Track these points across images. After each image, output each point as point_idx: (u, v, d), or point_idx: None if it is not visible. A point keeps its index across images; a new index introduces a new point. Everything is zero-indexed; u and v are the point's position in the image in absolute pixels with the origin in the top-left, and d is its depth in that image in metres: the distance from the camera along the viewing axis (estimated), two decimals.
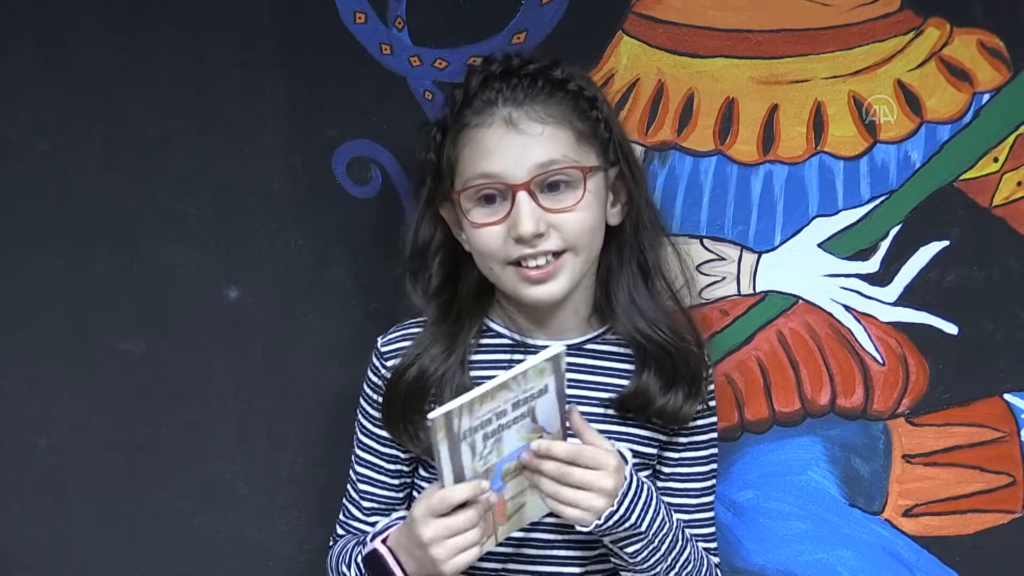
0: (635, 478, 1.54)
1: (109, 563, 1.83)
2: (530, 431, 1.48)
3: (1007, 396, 1.81)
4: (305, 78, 1.79)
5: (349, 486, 1.70)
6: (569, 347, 1.58)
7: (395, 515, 1.66)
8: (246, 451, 1.83)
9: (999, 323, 1.80)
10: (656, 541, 1.55)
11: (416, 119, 1.77)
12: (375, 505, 1.68)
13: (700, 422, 1.67)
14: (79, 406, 1.82)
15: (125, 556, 1.83)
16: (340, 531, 1.71)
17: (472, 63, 1.74)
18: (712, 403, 1.70)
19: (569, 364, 1.53)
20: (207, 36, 1.79)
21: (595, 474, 1.49)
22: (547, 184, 1.56)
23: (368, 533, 1.63)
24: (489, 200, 1.57)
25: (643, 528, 1.53)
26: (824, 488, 1.82)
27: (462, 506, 1.45)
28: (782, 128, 1.79)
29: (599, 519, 1.50)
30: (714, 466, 1.70)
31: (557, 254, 1.57)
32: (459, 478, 1.44)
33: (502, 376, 1.42)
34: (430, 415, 1.40)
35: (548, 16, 1.78)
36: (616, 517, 1.51)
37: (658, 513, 1.55)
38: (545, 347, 1.49)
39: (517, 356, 1.61)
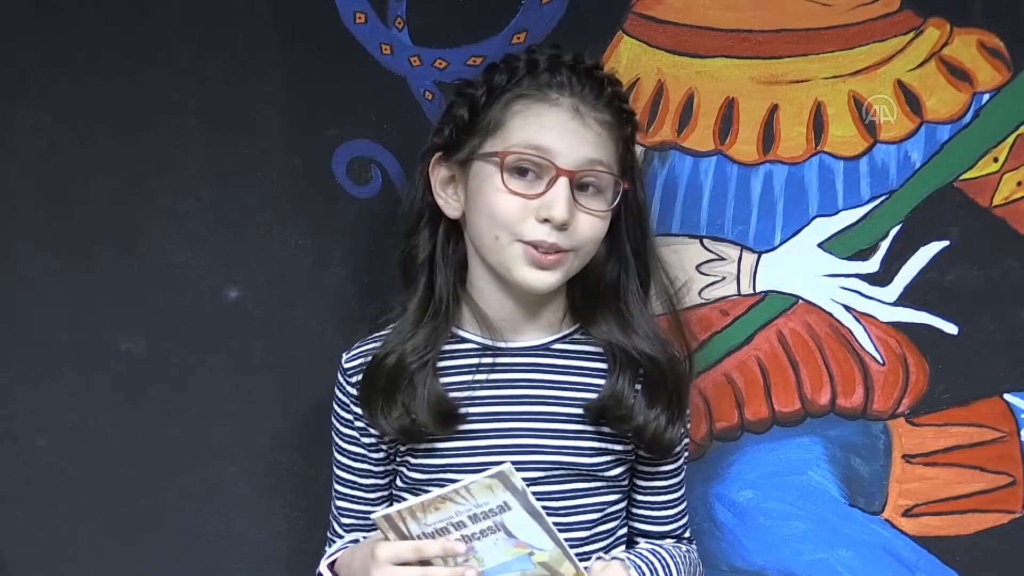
0: None
1: (109, 563, 1.83)
2: (513, 546, 1.46)
3: (1007, 396, 1.81)
4: (305, 78, 1.79)
5: (332, 501, 1.71)
6: (536, 347, 1.62)
7: (347, 538, 1.67)
8: (246, 451, 1.83)
9: (999, 323, 1.80)
10: None
11: (416, 119, 1.77)
12: (353, 521, 1.69)
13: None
14: (79, 406, 1.82)
15: (125, 556, 1.83)
16: (327, 548, 1.71)
17: (473, 62, 1.75)
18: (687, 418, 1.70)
19: (537, 365, 1.59)
20: (207, 36, 1.79)
21: None
22: (582, 183, 1.56)
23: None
24: (522, 173, 1.56)
25: None
26: (824, 488, 1.82)
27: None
28: (782, 128, 1.79)
29: None
30: (685, 454, 1.71)
31: (561, 251, 1.56)
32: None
33: (442, 490, 1.42)
34: (373, 515, 1.44)
35: (548, 16, 1.78)
36: None
37: None
38: (514, 349, 1.58)
39: (485, 360, 1.61)
